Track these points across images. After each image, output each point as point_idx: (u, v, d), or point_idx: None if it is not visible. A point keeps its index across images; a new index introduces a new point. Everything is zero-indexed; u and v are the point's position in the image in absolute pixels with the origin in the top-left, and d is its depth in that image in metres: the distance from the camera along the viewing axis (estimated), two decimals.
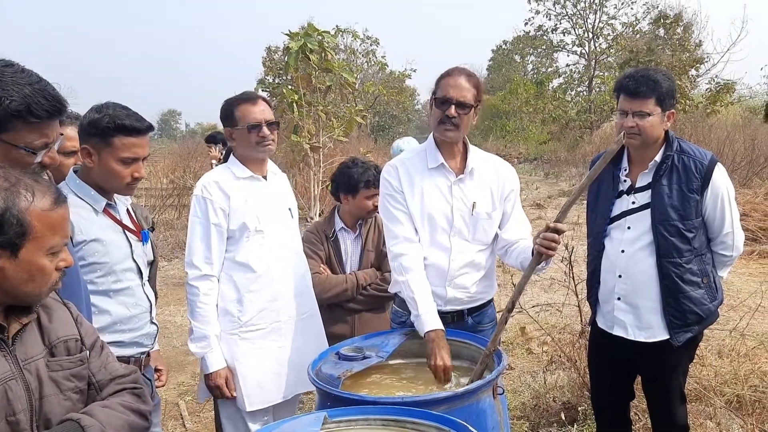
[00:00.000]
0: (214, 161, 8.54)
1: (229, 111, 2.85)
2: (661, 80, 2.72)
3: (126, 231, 2.47)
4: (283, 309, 2.89)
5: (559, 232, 2.37)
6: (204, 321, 2.77)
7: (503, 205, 2.77)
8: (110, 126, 2.29)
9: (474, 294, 2.74)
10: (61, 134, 1.80)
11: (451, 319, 2.73)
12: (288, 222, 2.99)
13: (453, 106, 2.60)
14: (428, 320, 2.50)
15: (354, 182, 3.41)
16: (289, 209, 3.03)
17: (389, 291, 2.89)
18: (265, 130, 2.81)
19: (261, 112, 2.82)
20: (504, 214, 2.78)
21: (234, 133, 2.85)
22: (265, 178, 2.93)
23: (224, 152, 4.02)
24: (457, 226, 2.69)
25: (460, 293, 2.71)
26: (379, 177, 3.35)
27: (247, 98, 2.87)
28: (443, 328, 2.50)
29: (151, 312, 2.55)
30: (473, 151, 2.77)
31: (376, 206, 3.37)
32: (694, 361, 3.16)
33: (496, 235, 2.79)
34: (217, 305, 2.81)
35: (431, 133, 2.78)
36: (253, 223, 2.80)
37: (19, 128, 1.66)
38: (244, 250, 2.80)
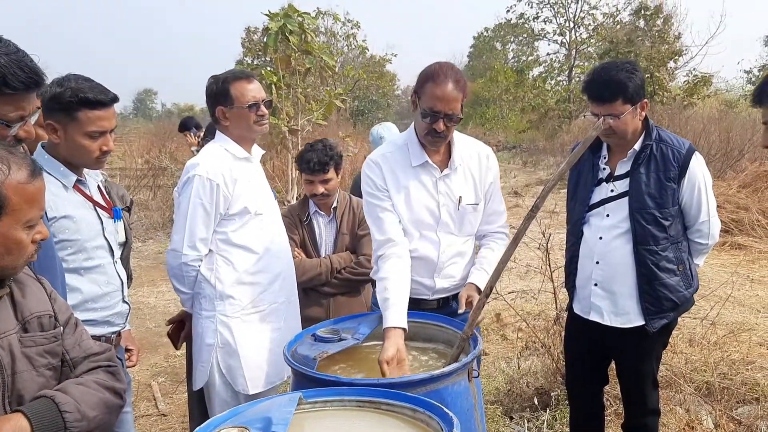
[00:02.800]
0: (193, 148, 8.36)
1: (224, 89, 2.75)
2: (625, 79, 2.67)
3: (97, 208, 2.41)
4: (280, 291, 2.87)
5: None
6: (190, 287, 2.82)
7: (486, 193, 2.74)
8: (73, 100, 2.21)
9: (459, 281, 2.72)
10: (38, 108, 1.75)
11: (437, 305, 2.72)
12: (275, 202, 2.98)
13: (441, 121, 2.50)
14: (390, 317, 2.38)
15: (298, 161, 3.43)
16: (272, 189, 3.01)
17: (371, 276, 2.87)
18: (264, 109, 2.77)
19: (258, 90, 2.78)
20: (485, 203, 2.76)
21: (228, 113, 2.76)
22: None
23: (204, 133, 3.95)
24: (444, 221, 2.65)
25: (447, 282, 2.70)
26: (323, 166, 3.31)
27: (243, 76, 2.80)
28: (404, 327, 2.37)
29: (123, 291, 2.50)
30: (457, 143, 2.69)
31: (316, 193, 3.35)
32: (666, 348, 3.20)
33: None
34: (216, 288, 2.76)
35: (413, 123, 2.70)
36: (253, 207, 2.76)
37: None
38: (242, 232, 2.76)
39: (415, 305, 2.70)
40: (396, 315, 2.38)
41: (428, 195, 2.65)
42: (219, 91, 2.77)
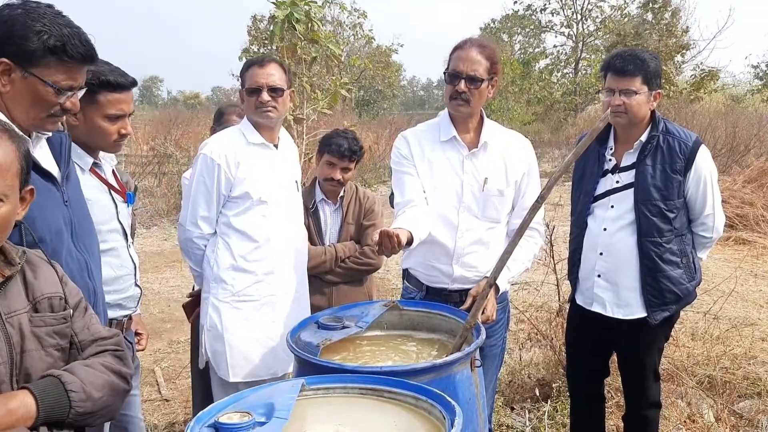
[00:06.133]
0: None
1: (242, 73, 2.81)
2: (648, 60, 2.73)
3: (112, 191, 2.43)
4: (279, 283, 2.83)
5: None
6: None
7: (517, 183, 2.70)
8: (94, 83, 2.22)
9: (484, 273, 2.65)
10: (82, 87, 1.82)
11: (459, 298, 2.66)
12: (293, 194, 2.93)
13: (462, 81, 2.53)
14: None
15: (325, 143, 3.38)
16: (296, 181, 2.96)
17: (402, 266, 2.85)
18: (264, 96, 2.71)
19: (266, 75, 2.73)
20: (517, 195, 2.71)
21: (243, 96, 2.81)
22: (275, 146, 2.86)
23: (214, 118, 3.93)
24: (466, 201, 2.62)
25: (468, 272, 2.66)
26: (352, 154, 3.30)
27: (258, 60, 2.81)
28: (407, 230, 2.29)
29: (135, 274, 2.51)
30: (489, 125, 2.70)
31: (334, 178, 3.33)
32: (668, 342, 3.21)
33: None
34: (213, 269, 2.78)
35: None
36: (257, 193, 2.74)
37: (51, 65, 1.70)
38: (244, 218, 2.75)
39: (437, 296, 2.70)
40: (404, 227, 2.30)
41: (453, 172, 2.64)
42: (241, 74, 2.83)
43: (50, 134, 1.90)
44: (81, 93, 1.82)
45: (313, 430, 1.64)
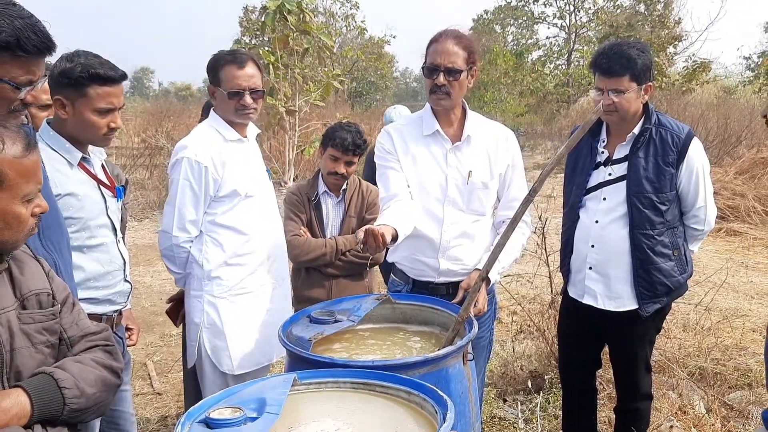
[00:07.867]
0: None
1: (215, 68, 2.71)
2: (635, 56, 2.68)
3: (101, 186, 2.40)
4: (268, 272, 2.84)
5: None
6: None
7: (502, 175, 2.69)
8: (84, 75, 2.20)
9: (470, 267, 2.65)
10: (45, 75, 1.76)
11: (446, 290, 2.67)
12: (268, 184, 2.93)
13: (441, 74, 2.51)
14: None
15: (328, 136, 3.37)
16: (267, 171, 2.96)
17: (388, 259, 2.85)
18: (247, 99, 2.67)
19: (247, 77, 2.67)
20: (502, 186, 2.71)
21: (217, 93, 2.73)
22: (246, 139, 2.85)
23: (201, 110, 3.91)
24: (451, 195, 2.62)
25: (455, 265, 2.65)
26: (356, 148, 3.31)
27: (235, 59, 2.70)
28: (392, 227, 2.28)
29: (125, 270, 2.49)
30: (471, 117, 2.68)
31: (338, 172, 3.32)
32: (660, 333, 3.21)
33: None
34: (203, 268, 2.74)
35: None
36: (243, 189, 2.72)
37: (6, 61, 1.62)
38: (232, 214, 2.73)
39: (423, 289, 2.70)
40: (387, 224, 2.28)
41: (437, 166, 2.63)
42: (211, 68, 2.74)
43: None
44: (41, 85, 1.76)
45: (313, 429, 1.63)
